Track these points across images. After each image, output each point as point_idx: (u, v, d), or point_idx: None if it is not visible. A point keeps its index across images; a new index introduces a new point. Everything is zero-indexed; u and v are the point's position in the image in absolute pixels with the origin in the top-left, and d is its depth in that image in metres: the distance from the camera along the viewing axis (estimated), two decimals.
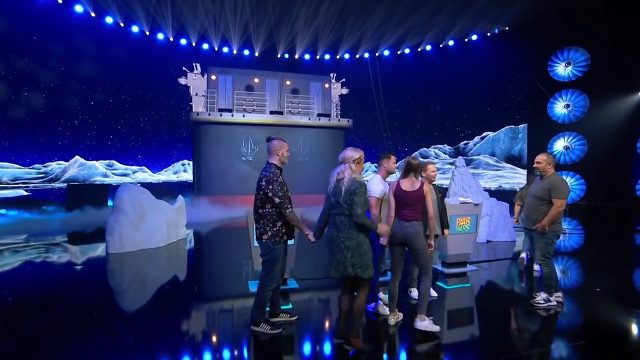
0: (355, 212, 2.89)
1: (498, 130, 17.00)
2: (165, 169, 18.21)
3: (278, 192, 3.23)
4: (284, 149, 3.44)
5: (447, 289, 4.98)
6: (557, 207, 3.91)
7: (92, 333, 3.65)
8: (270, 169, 3.33)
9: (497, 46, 15.79)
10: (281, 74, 16.44)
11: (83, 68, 15.43)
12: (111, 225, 6.67)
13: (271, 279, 3.42)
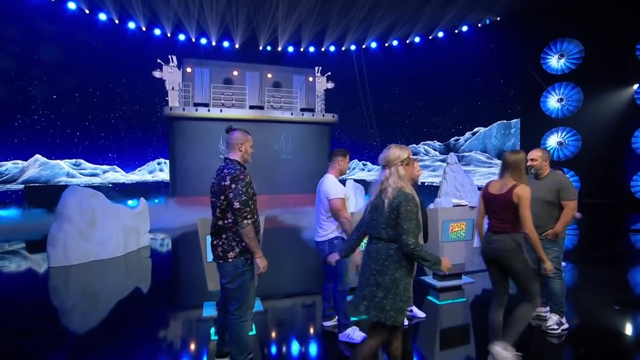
0: (405, 241, 2.11)
1: (490, 126, 16.54)
2: (139, 168, 17.20)
3: (241, 195, 2.45)
4: (247, 143, 2.71)
5: (439, 304, 4.38)
6: (572, 210, 3.37)
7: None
8: (234, 165, 2.58)
9: (488, 37, 15.31)
10: (262, 67, 15.66)
11: (43, 57, 14.24)
12: (53, 234, 5.81)
13: (247, 310, 2.62)
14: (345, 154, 3.43)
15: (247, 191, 2.51)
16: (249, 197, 2.52)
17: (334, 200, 3.18)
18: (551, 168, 3.66)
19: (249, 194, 2.53)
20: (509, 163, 2.77)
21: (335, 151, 3.44)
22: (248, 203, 2.49)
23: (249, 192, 2.53)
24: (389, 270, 2.16)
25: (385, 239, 2.19)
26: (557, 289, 3.46)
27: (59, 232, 5.84)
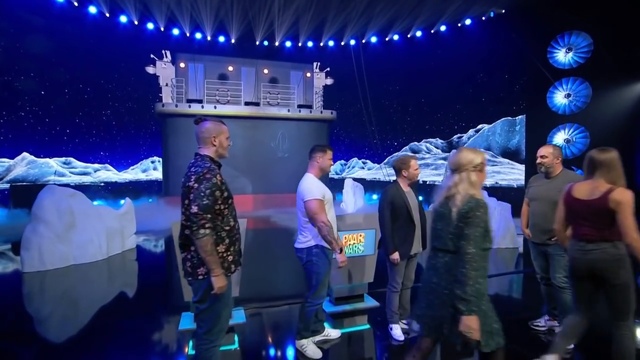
0: (464, 248, 1.88)
1: (494, 123, 16.14)
2: (132, 166, 16.89)
3: (202, 198, 2.07)
4: (222, 135, 2.31)
5: None
6: None
7: None
8: (203, 162, 2.20)
9: (493, 31, 14.89)
10: (258, 62, 15.34)
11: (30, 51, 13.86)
12: (28, 237, 5.51)
13: (218, 334, 2.27)
14: (325, 149, 3.07)
15: (213, 194, 2.11)
16: (214, 202, 2.13)
17: (309, 202, 2.86)
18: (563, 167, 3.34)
19: (215, 198, 2.13)
20: (600, 162, 2.40)
21: (314, 147, 3.11)
22: (210, 208, 2.09)
23: (215, 196, 2.13)
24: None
25: (453, 251, 1.96)
26: (568, 300, 3.09)
27: (33, 234, 5.53)
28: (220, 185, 2.17)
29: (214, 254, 2.11)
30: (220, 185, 2.17)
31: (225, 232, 2.22)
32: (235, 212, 2.38)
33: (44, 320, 4.15)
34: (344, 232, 3.72)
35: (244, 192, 13.62)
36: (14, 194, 11.50)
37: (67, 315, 4.29)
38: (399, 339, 3.28)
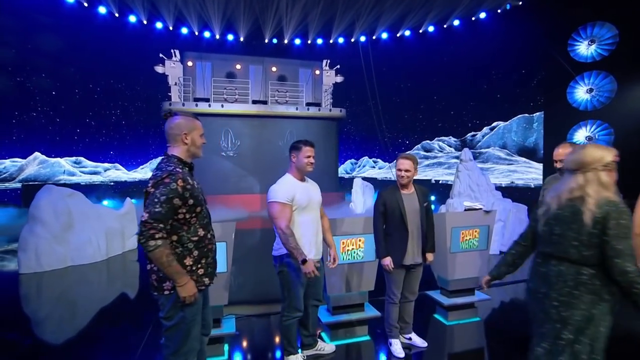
0: (621, 267, 1.61)
1: (510, 120, 15.53)
2: (142, 166, 17.02)
3: (155, 205, 1.82)
4: (195, 132, 2.07)
5: (447, 325, 3.77)
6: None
7: None
8: (167, 164, 1.97)
9: (509, 24, 14.31)
10: (266, 60, 15.16)
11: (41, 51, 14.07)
12: (24, 237, 5.46)
13: (186, 356, 2.02)
14: (299, 146, 2.75)
15: (169, 201, 1.85)
16: (171, 210, 1.86)
17: (269, 204, 2.62)
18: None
19: (172, 206, 1.86)
20: None
21: (291, 144, 2.85)
22: (163, 217, 1.83)
23: (173, 203, 1.86)
24: (580, 303, 1.68)
25: (575, 261, 1.71)
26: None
27: (30, 235, 5.47)
28: (182, 192, 1.89)
29: (173, 264, 1.86)
30: (182, 192, 1.89)
31: (192, 243, 1.99)
32: (208, 220, 2.15)
33: (40, 322, 4.09)
34: (342, 236, 3.47)
35: (252, 192, 13.52)
36: (26, 194, 11.65)
37: (64, 317, 4.21)
38: (399, 355, 3.00)
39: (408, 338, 3.17)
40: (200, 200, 2.03)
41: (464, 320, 3.87)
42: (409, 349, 3.14)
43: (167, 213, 1.84)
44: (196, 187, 2.02)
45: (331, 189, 14.42)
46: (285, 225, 2.56)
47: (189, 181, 1.94)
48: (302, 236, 2.68)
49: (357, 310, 3.62)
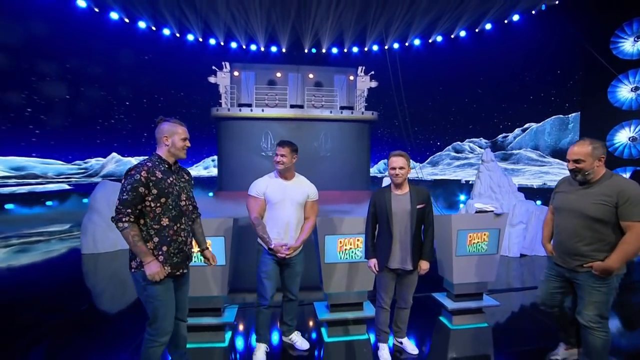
0: None
1: (543, 121, 13.98)
2: (196, 164, 17.84)
3: (122, 192, 1.97)
4: (176, 136, 2.14)
5: (451, 328, 3.34)
6: (638, 236, 2.04)
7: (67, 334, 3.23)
8: (143, 160, 2.10)
9: (544, 25, 12.87)
10: (304, 68, 15.12)
11: (119, 72, 15.37)
12: (85, 224, 5.84)
13: (156, 330, 2.04)
14: (276, 146, 2.72)
15: (135, 190, 1.96)
16: (137, 198, 1.95)
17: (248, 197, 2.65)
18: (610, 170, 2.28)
19: (139, 194, 1.96)
20: None
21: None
22: (129, 203, 1.95)
23: (139, 192, 1.96)
24: None
25: None
26: (598, 344, 2.20)
27: (89, 222, 5.82)
28: (146, 182, 1.98)
29: (138, 244, 1.97)
30: (146, 182, 1.98)
31: (154, 230, 2.04)
32: (178, 214, 2.10)
33: (98, 295, 4.41)
34: (339, 236, 3.19)
35: None
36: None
37: (116, 293, 4.46)
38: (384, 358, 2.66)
39: (400, 342, 2.81)
40: (167, 193, 2.04)
41: (470, 325, 3.41)
42: (400, 352, 2.79)
43: (133, 200, 1.96)
44: (167, 181, 2.05)
45: (362, 187, 14.08)
46: (254, 217, 2.64)
47: (155, 173, 2.02)
48: (270, 230, 2.65)
49: (356, 309, 3.32)
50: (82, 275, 5.18)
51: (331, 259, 3.18)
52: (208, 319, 3.09)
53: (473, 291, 3.56)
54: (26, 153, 13.46)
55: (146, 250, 1.97)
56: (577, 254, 2.24)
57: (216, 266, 3.06)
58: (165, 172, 2.09)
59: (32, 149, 13.58)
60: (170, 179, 2.09)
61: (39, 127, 13.60)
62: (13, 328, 3.36)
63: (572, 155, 2.21)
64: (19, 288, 4.61)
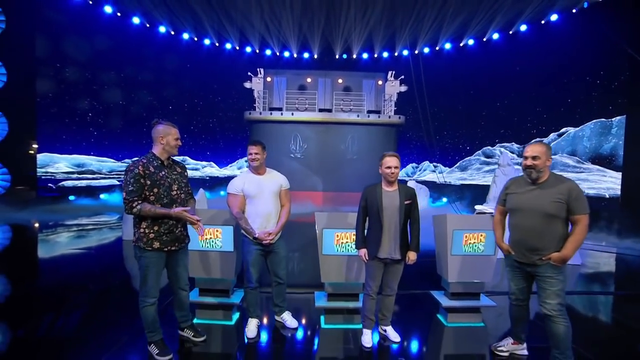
0: None
1: (582, 125, 13.03)
2: (230, 164, 18.79)
3: (127, 186, 2.36)
4: (170, 136, 2.53)
5: (446, 325, 3.42)
6: (585, 228, 2.28)
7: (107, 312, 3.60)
8: (140, 158, 2.51)
9: (585, 24, 12.04)
10: (334, 73, 15.40)
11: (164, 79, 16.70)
12: (125, 215, 6.53)
13: (145, 293, 2.48)
14: (249, 145, 2.97)
15: (137, 181, 2.35)
16: (141, 187, 2.35)
17: (227, 194, 2.93)
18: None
19: (141, 185, 2.37)
20: None
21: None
22: (135, 193, 2.35)
23: (141, 183, 2.37)
24: None
25: None
26: (562, 331, 2.32)
27: None
28: (143, 174, 2.37)
29: (157, 210, 2.37)
30: (143, 174, 2.37)
31: None
32: (169, 200, 2.48)
33: (135, 278, 4.84)
34: (336, 230, 3.41)
35: (314, 189, 13.84)
36: None
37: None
38: (366, 345, 2.83)
39: (384, 330, 2.96)
40: (159, 184, 2.42)
41: (465, 324, 3.45)
42: (384, 339, 2.94)
43: (137, 190, 2.35)
44: (158, 175, 2.44)
45: None
46: (236, 212, 2.90)
47: (149, 168, 2.42)
48: (253, 222, 2.90)
49: (353, 299, 3.51)
50: (122, 259, 5.83)
51: (328, 251, 3.41)
52: (218, 299, 3.45)
53: (469, 290, 3.59)
54: (86, 152, 15.14)
55: (164, 210, 2.39)
56: (537, 248, 2.36)
57: (225, 252, 3.44)
58: (157, 167, 2.46)
59: (91, 149, 15.25)
60: (162, 173, 2.47)
61: (97, 129, 15.25)
62: (70, 291, 4.13)
63: (530, 152, 2.37)
64: (74, 266, 5.36)
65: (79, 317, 3.57)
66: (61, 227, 8.24)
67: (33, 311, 3.69)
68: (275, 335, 3.12)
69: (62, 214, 9.72)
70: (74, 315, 3.59)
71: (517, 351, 2.73)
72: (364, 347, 2.84)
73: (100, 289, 4.36)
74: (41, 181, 12.67)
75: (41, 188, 12.28)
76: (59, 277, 4.84)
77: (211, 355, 2.77)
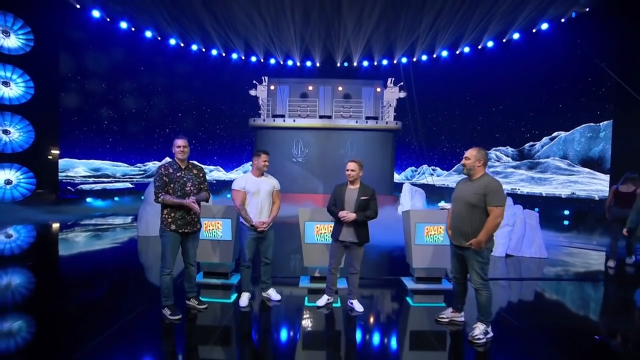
0: None
1: (572, 130, 13.43)
2: (236, 168, 19.55)
3: (155, 182, 3.27)
4: (174, 147, 3.38)
5: (411, 305, 3.99)
6: (496, 218, 2.82)
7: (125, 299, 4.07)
8: (165, 162, 3.44)
9: (574, 32, 12.51)
10: (334, 81, 16.05)
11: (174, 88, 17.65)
12: (140, 213, 7.29)
13: (164, 264, 3.26)
14: (259, 153, 3.67)
15: (161, 179, 3.26)
16: (164, 183, 3.20)
17: (231, 190, 3.64)
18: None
19: (164, 181, 3.20)
20: None
21: (253, 152, 3.74)
22: (159, 188, 3.25)
23: (164, 180, 3.20)
24: None
25: None
26: (483, 300, 2.94)
27: (143, 212, 7.26)
28: (164, 174, 3.27)
29: (175, 200, 3.21)
30: (164, 174, 3.27)
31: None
32: (182, 194, 3.25)
33: (149, 269, 5.51)
34: (316, 222, 4.07)
35: (315, 192, 14.44)
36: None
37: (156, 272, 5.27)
38: (319, 304, 3.63)
39: (351, 303, 3.59)
40: (174, 182, 3.21)
41: (428, 304, 4.01)
42: (351, 310, 3.56)
43: (161, 185, 3.25)
44: (175, 175, 3.24)
45: (386, 192, 14.53)
46: (238, 204, 3.61)
47: (169, 170, 3.31)
48: (251, 212, 3.59)
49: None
50: (137, 253, 6.53)
51: (310, 240, 4.08)
52: (219, 280, 4.13)
53: (432, 275, 4.20)
54: (102, 157, 16.09)
55: (178, 200, 3.19)
56: (463, 232, 2.95)
57: (224, 241, 4.12)
58: (175, 170, 3.32)
59: (106, 154, 16.19)
60: (178, 174, 3.30)
61: (112, 135, 16.19)
62: (92, 277, 4.81)
63: (465, 154, 3.05)
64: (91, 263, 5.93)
65: (102, 294, 4.29)
66: (79, 226, 9.03)
67: (64, 291, 4.42)
68: (262, 306, 3.77)
69: (80, 215, 10.52)
70: (97, 292, 4.31)
71: (456, 318, 3.33)
72: (318, 305, 3.60)
73: (118, 277, 5.10)
74: (62, 184, 13.62)
75: (61, 191, 13.21)
76: (82, 267, 5.55)
77: (210, 319, 3.44)
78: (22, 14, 10.60)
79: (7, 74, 10.50)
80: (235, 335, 3.23)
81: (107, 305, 3.82)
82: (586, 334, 3.35)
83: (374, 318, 3.61)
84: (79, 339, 2.94)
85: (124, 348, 2.88)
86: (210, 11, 14.39)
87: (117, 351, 2.81)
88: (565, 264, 5.85)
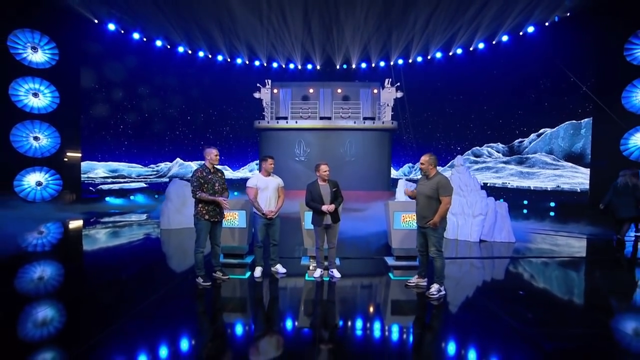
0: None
1: (557, 127, 14.22)
2: (242, 167, 20.55)
3: (193, 182, 4.20)
4: (212, 154, 4.27)
5: (392, 279, 4.87)
6: (446, 204, 3.80)
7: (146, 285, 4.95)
8: (198, 167, 4.39)
9: (557, 35, 13.26)
10: (334, 84, 16.85)
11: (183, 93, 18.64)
12: (162, 209, 8.26)
13: (198, 245, 4.21)
14: (266, 158, 4.64)
15: (197, 180, 4.14)
16: (200, 184, 4.09)
17: (246, 187, 4.55)
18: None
19: (199, 182, 4.09)
20: None
21: (261, 157, 4.72)
22: (196, 187, 4.07)
23: (200, 181, 4.10)
24: None
25: None
26: (438, 265, 3.88)
27: (165, 207, 8.23)
28: (200, 176, 4.15)
29: (208, 197, 4.15)
30: (200, 176, 4.15)
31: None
32: (212, 192, 4.16)
33: (170, 257, 6.39)
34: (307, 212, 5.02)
35: None
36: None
37: (180, 257, 6.31)
38: (315, 276, 4.58)
39: (331, 272, 4.55)
40: (207, 182, 4.11)
41: (406, 277, 4.90)
42: (331, 278, 4.53)
43: (198, 185, 4.18)
44: (207, 177, 4.13)
45: (383, 188, 15.37)
46: (252, 198, 4.53)
47: (203, 173, 4.24)
48: (261, 203, 4.54)
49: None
50: (160, 244, 7.45)
51: (309, 227, 5.02)
52: (236, 260, 5.10)
53: (409, 254, 5.13)
54: (119, 159, 17.20)
55: (211, 197, 4.10)
56: (424, 216, 3.89)
57: (240, 228, 5.09)
58: (207, 172, 4.24)
59: (123, 156, 17.29)
60: (209, 176, 4.26)
61: (127, 139, 17.28)
62: (130, 263, 5.76)
63: (420, 160, 3.99)
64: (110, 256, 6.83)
65: (142, 273, 5.27)
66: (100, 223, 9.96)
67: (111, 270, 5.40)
68: (271, 278, 4.74)
69: (101, 212, 11.51)
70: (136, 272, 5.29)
71: (420, 283, 4.27)
72: (315, 277, 4.53)
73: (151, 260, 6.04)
74: (84, 185, 14.71)
75: (84, 191, 14.30)
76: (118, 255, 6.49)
77: (231, 287, 4.40)
78: (49, 31, 11.63)
79: (36, 85, 11.56)
80: (250, 299, 4.19)
81: (148, 280, 4.80)
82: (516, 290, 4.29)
83: (362, 289, 4.54)
84: (133, 300, 3.91)
85: (170, 307, 3.85)
86: (216, 19, 15.32)
87: (165, 308, 3.78)
88: (529, 247, 6.74)
